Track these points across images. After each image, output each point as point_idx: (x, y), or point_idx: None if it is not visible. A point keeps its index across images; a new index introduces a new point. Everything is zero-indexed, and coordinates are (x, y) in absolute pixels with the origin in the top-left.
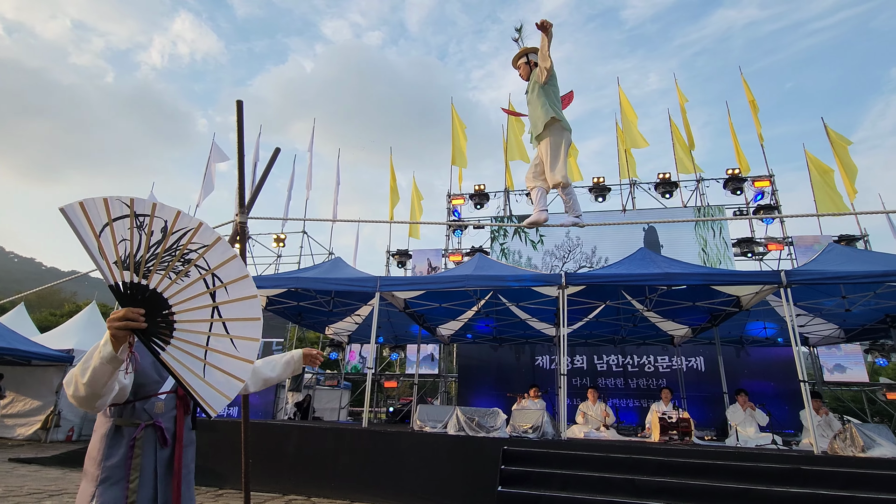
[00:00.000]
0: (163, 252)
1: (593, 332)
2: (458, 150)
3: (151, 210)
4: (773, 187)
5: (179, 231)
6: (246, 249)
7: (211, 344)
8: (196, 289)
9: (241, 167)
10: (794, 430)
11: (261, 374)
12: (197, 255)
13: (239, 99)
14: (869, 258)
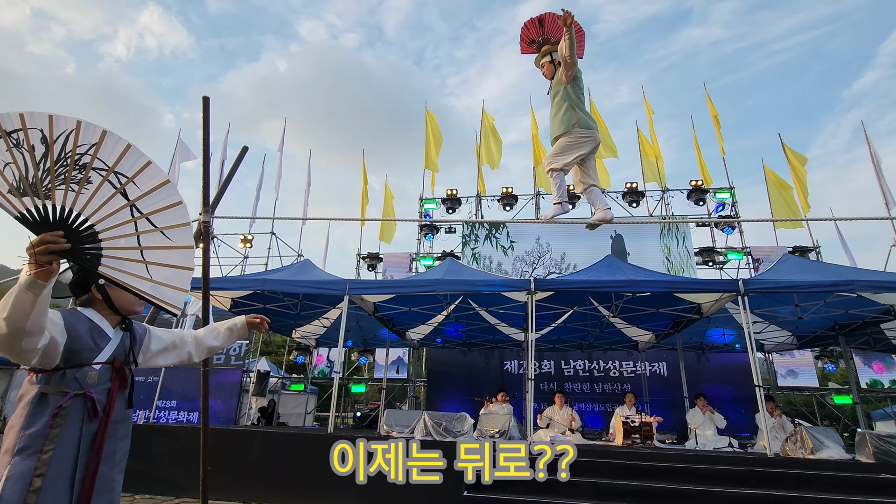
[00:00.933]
0: (53, 165)
1: (561, 337)
2: (430, 155)
3: (21, 122)
4: (733, 199)
5: (61, 136)
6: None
7: (143, 242)
8: (105, 192)
9: (206, 164)
10: (749, 433)
11: (204, 343)
12: (90, 158)
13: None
14: (820, 269)
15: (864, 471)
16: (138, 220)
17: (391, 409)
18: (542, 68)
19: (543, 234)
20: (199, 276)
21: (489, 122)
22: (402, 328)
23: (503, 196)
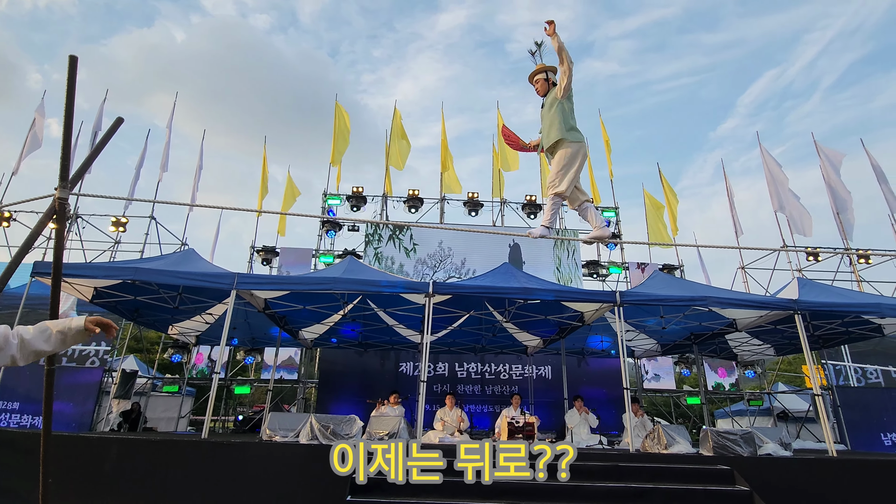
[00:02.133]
0: None
1: (456, 340)
2: (338, 151)
3: None
4: (617, 217)
5: None
6: (65, 230)
7: None
8: None
9: (68, 133)
10: (617, 432)
11: (31, 346)
12: None
13: (73, 54)
14: (682, 285)
15: (705, 462)
16: None
17: (276, 413)
18: (537, 84)
19: (446, 239)
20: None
21: (399, 124)
22: (296, 327)
23: (409, 198)
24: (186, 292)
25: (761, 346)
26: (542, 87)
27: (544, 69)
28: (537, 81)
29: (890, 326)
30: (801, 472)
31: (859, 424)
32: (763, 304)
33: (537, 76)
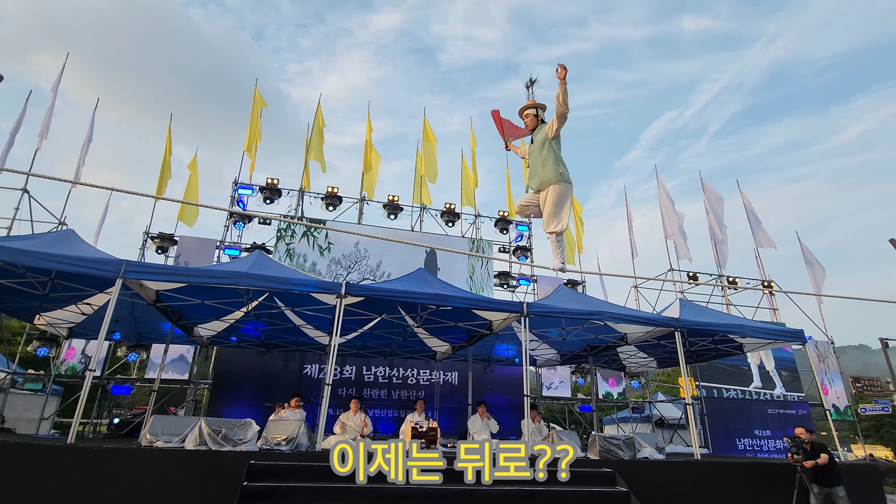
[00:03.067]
0: None
1: (366, 343)
2: (254, 139)
3: None
4: (529, 232)
5: None
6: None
7: None
8: None
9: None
10: (516, 437)
11: None
12: None
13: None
14: (582, 300)
15: (591, 466)
16: None
17: (161, 416)
18: (527, 119)
19: (363, 240)
20: None
21: (321, 120)
22: (191, 323)
23: (328, 195)
24: (60, 278)
25: (646, 359)
26: (532, 122)
27: (535, 105)
28: (527, 116)
29: (749, 345)
30: (671, 473)
31: (720, 431)
32: (650, 321)
33: (527, 111)
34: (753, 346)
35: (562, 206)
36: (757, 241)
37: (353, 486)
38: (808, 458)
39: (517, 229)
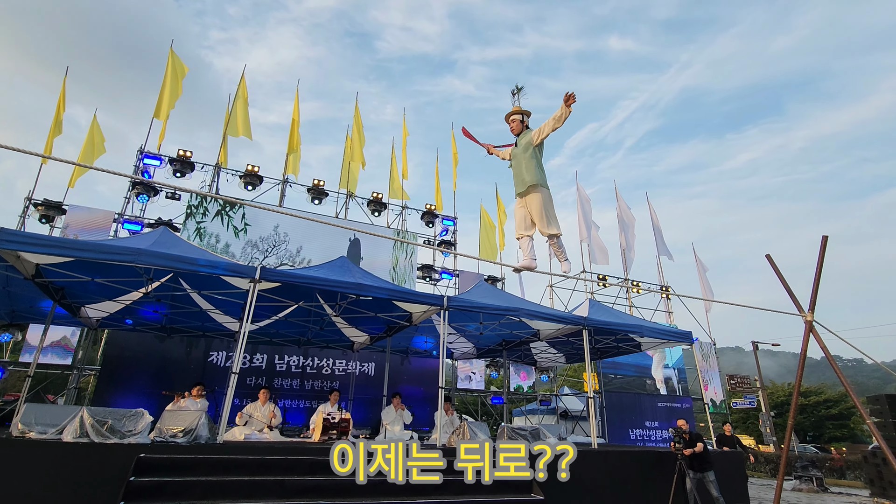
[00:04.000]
0: None
1: (280, 331)
2: (166, 104)
3: None
4: (455, 227)
5: None
6: None
7: None
8: None
9: None
10: (429, 428)
11: None
12: None
13: None
14: (501, 296)
15: None
16: None
17: (36, 404)
18: (512, 123)
19: (283, 224)
20: None
21: (245, 92)
22: (78, 302)
23: (247, 174)
24: None
25: (556, 355)
26: (517, 127)
27: (520, 112)
28: (513, 121)
29: (646, 344)
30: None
31: (616, 422)
32: (561, 319)
33: (514, 116)
34: (650, 345)
35: (550, 211)
36: (659, 249)
37: (255, 479)
38: (687, 446)
39: (443, 223)
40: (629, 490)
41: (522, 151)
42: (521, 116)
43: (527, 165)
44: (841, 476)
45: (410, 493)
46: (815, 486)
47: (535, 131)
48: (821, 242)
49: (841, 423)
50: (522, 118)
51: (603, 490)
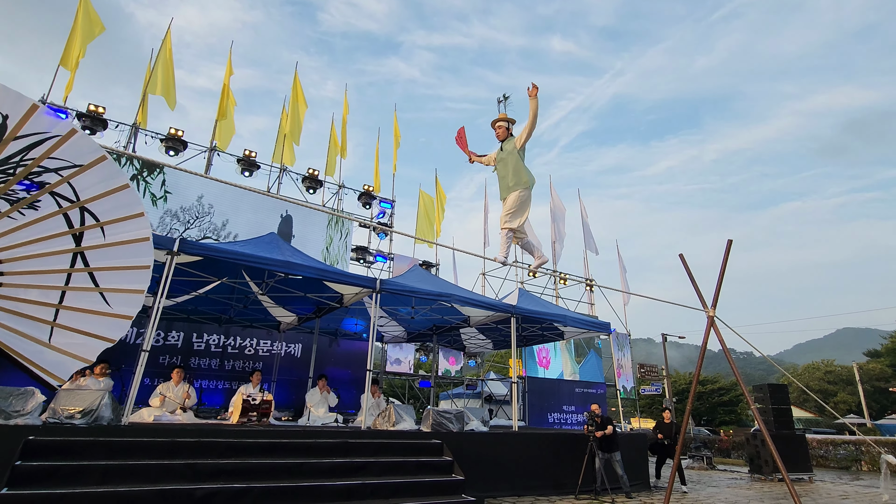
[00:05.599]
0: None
1: (199, 308)
2: (74, 50)
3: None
4: (392, 210)
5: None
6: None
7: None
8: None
9: None
10: (354, 410)
11: None
12: (59, 179)
13: None
14: (434, 281)
15: (423, 438)
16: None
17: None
18: (498, 130)
19: (208, 194)
20: None
21: (169, 49)
22: None
23: (169, 137)
24: None
25: (484, 341)
26: (502, 133)
27: (506, 119)
28: (499, 127)
29: (568, 333)
30: (490, 443)
31: (536, 406)
32: (491, 306)
33: (500, 123)
34: (572, 334)
35: (524, 209)
36: (587, 244)
37: (162, 462)
38: (599, 429)
39: (380, 206)
40: (545, 469)
41: (507, 156)
42: (507, 123)
43: (514, 169)
44: (727, 455)
45: (331, 475)
46: (706, 464)
47: (518, 136)
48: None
49: (730, 408)
50: (508, 125)
51: (521, 469)
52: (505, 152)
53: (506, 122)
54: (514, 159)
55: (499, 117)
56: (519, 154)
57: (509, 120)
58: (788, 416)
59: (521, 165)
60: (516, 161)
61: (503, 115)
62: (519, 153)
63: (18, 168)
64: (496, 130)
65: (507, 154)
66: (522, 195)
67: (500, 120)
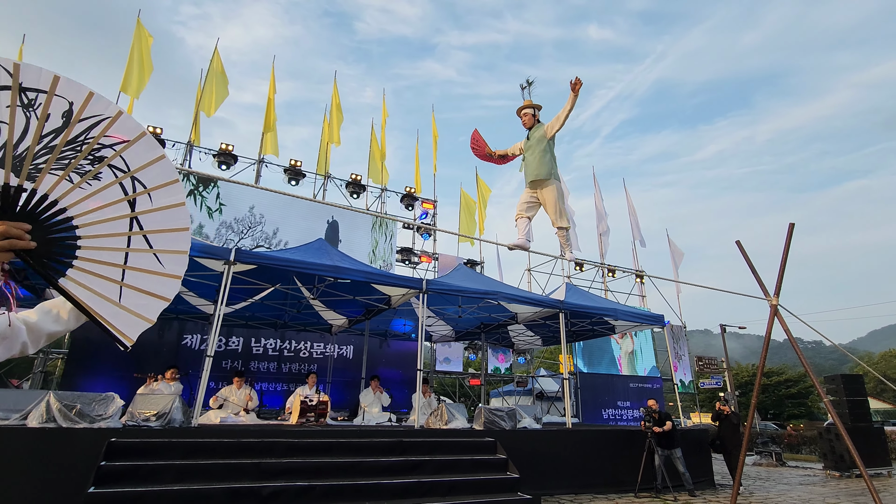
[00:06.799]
0: (62, 145)
1: (256, 314)
2: (133, 77)
3: (51, 85)
4: (434, 211)
5: (91, 118)
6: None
7: (130, 261)
8: (109, 195)
9: None
10: (407, 409)
11: (42, 329)
12: (113, 153)
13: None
14: (479, 279)
15: (476, 436)
16: (134, 234)
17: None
18: (524, 117)
19: (259, 205)
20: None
21: (219, 66)
22: (43, 284)
23: (221, 152)
24: None
25: (533, 337)
26: (529, 120)
27: (531, 105)
28: (525, 115)
29: (620, 327)
30: (545, 440)
31: (590, 402)
32: (539, 303)
33: (525, 110)
34: (624, 327)
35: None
36: (634, 235)
37: (232, 462)
38: (657, 425)
39: (422, 206)
40: (602, 466)
41: (536, 144)
42: (533, 110)
43: (541, 158)
44: (797, 451)
45: (388, 474)
46: (774, 460)
47: (549, 124)
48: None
49: (799, 401)
50: (534, 112)
51: (577, 467)
52: (533, 140)
53: (532, 108)
54: (543, 148)
55: (524, 104)
56: (549, 144)
57: (535, 106)
58: (865, 407)
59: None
60: (544, 151)
61: (528, 102)
62: (549, 143)
63: (83, 146)
64: (522, 118)
65: (535, 142)
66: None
67: (526, 107)
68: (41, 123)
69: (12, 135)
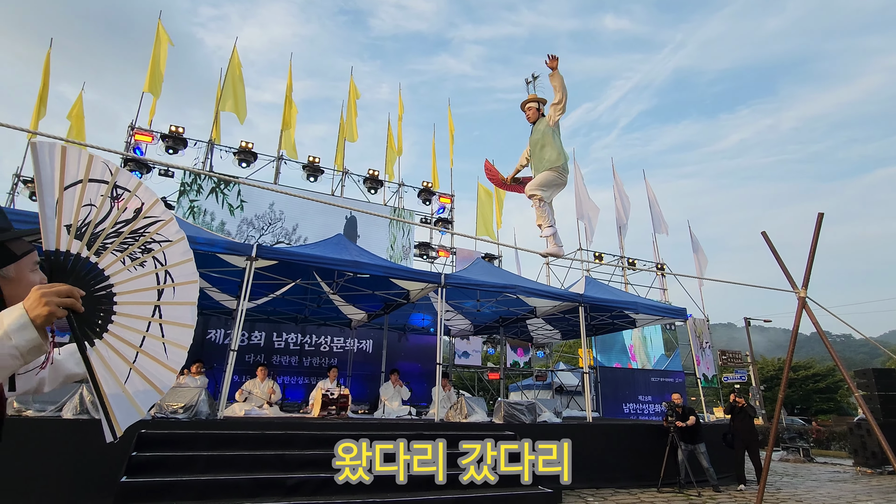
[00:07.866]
0: (128, 232)
1: (277, 308)
2: (156, 75)
3: (135, 187)
4: (452, 205)
5: (152, 217)
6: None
7: (145, 345)
8: (146, 282)
9: None
10: (426, 403)
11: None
12: (158, 248)
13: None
14: (498, 273)
15: (495, 429)
16: (154, 321)
17: None
18: (529, 112)
19: (279, 201)
20: None
21: (238, 66)
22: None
23: (241, 150)
24: None
25: (552, 331)
26: (534, 115)
27: (536, 100)
28: (529, 109)
29: (641, 320)
30: (566, 434)
31: (610, 396)
32: (558, 296)
33: (530, 104)
34: (645, 321)
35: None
36: (655, 226)
37: (255, 453)
38: (680, 420)
39: (439, 201)
40: (624, 461)
41: (541, 136)
42: (538, 104)
43: (549, 147)
44: (826, 447)
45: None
46: (802, 456)
47: (549, 114)
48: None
49: (828, 396)
50: (539, 106)
51: (598, 461)
52: (538, 133)
53: (537, 102)
54: (550, 138)
55: (528, 98)
56: (553, 132)
57: (540, 100)
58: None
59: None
60: (551, 139)
61: (533, 96)
62: (553, 132)
63: (140, 237)
64: (526, 113)
65: (540, 135)
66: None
67: (531, 101)
68: (119, 213)
69: (97, 217)
